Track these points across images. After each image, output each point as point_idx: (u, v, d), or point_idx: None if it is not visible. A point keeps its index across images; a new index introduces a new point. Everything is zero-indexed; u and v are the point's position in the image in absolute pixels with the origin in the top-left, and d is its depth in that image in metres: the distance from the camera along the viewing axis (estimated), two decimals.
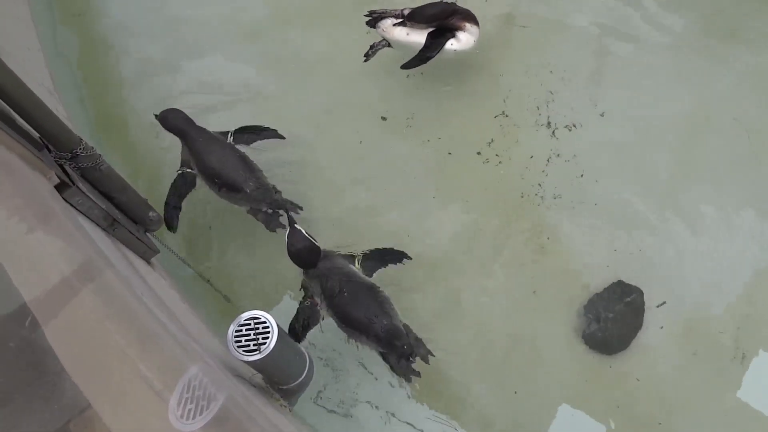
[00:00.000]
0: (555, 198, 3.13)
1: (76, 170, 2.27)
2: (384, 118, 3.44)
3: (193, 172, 2.99)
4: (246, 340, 2.26)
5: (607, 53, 3.49)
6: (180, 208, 2.98)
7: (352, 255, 2.69)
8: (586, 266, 2.96)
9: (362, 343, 2.56)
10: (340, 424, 2.72)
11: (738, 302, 2.84)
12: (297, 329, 2.62)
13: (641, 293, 2.82)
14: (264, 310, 2.30)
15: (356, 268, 2.64)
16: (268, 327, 2.29)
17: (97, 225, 2.30)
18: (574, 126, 3.31)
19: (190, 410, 1.78)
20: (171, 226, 2.97)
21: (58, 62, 3.80)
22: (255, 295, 3.17)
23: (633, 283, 2.86)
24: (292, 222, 2.59)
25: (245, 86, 3.68)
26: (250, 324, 2.30)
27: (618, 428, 2.65)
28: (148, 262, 2.69)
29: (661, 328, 2.80)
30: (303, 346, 2.72)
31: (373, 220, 3.19)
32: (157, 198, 3.20)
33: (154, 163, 3.50)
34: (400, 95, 3.51)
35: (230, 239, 3.29)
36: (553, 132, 3.30)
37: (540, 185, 3.17)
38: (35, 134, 2.12)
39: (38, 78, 3.42)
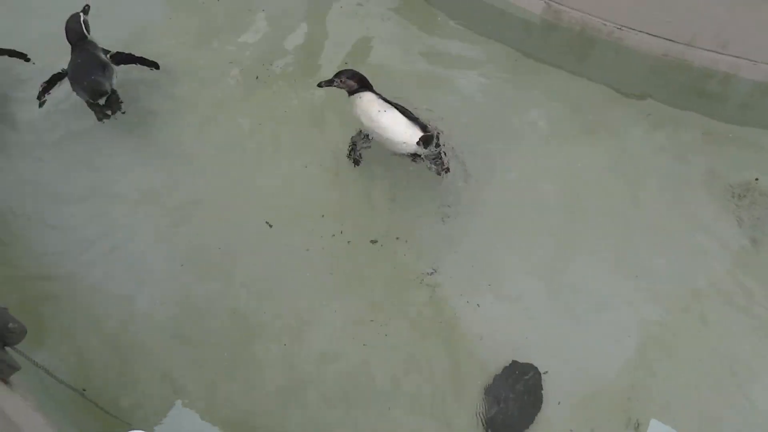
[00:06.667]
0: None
1: None
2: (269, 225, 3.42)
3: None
4: None
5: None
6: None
7: (106, 50, 3.57)
8: (484, 346, 3.01)
9: (77, 92, 3.44)
10: None
11: (627, 369, 2.99)
12: (46, 86, 3.51)
13: (537, 371, 2.89)
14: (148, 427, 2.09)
15: (106, 57, 3.53)
16: None
17: None
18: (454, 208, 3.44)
19: None
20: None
21: None
22: (139, 406, 2.88)
23: (527, 360, 2.93)
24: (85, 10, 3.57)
25: None
26: None
27: None
28: (6, 382, 2.35)
29: (559, 403, 2.86)
30: None
31: None
32: (15, 301, 2.91)
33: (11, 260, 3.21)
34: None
35: (108, 345, 3.01)
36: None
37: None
38: None
39: None
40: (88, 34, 3.53)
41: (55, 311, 3.09)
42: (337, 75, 3.23)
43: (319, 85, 3.26)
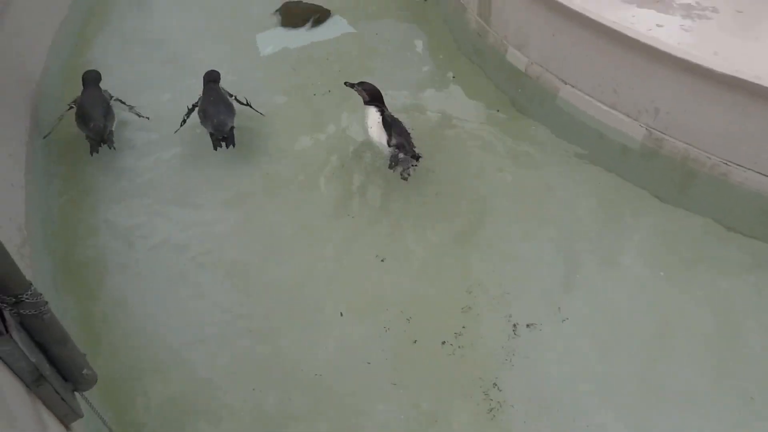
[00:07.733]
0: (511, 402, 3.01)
1: (15, 316, 2.14)
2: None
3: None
4: None
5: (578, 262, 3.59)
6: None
7: (230, 94, 4.30)
8: None
9: (204, 125, 4.08)
10: None
11: None
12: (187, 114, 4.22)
13: None
14: None
15: (231, 98, 4.26)
16: None
17: (20, 380, 2.10)
18: (536, 326, 3.30)
19: None
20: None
21: (38, 200, 3.84)
22: None
23: None
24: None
25: None
26: None
27: None
28: (68, 428, 2.41)
29: None
30: None
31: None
32: (97, 349, 3.04)
33: (106, 307, 3.39)
34: None
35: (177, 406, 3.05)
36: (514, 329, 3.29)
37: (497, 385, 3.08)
38: None
39: (9, 213, 3.42)
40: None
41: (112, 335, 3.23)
42: (360, 83, 4.07)
43: (345, 84, 4.11)
